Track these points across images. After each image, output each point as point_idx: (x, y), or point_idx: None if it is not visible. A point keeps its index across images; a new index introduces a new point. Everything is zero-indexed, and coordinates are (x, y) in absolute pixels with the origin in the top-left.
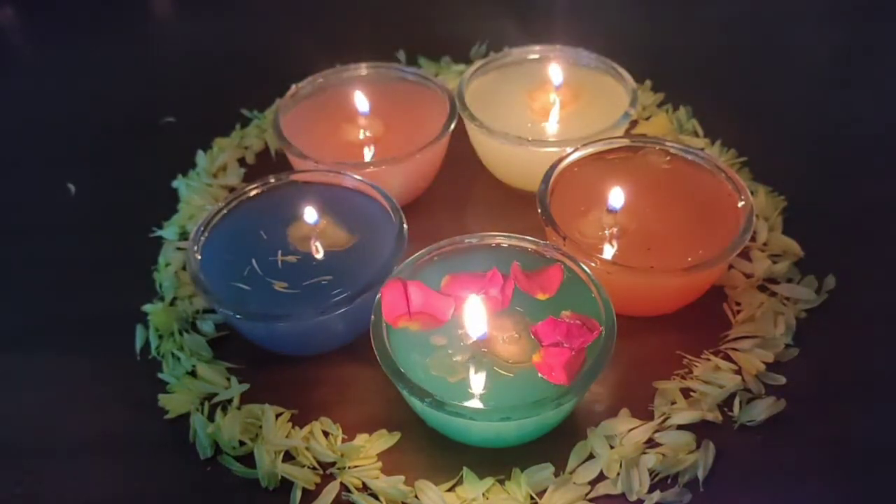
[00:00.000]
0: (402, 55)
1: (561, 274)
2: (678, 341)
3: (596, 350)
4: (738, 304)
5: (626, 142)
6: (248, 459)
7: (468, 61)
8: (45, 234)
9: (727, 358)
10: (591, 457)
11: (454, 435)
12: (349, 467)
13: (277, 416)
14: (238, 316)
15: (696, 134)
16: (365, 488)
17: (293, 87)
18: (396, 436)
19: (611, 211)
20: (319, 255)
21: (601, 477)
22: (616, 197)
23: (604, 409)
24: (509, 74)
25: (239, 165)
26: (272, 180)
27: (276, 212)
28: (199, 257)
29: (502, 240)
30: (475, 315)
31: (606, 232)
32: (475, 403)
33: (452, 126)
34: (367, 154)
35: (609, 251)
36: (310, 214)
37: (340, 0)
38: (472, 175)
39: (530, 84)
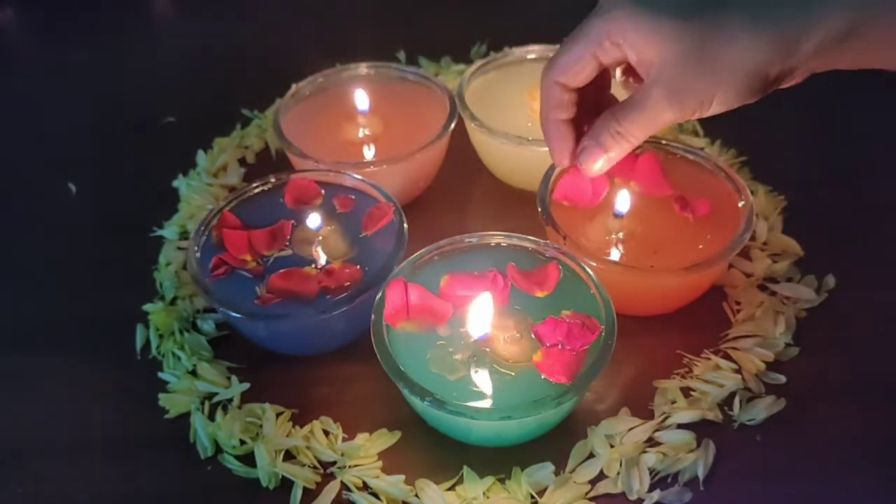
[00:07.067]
0: (402, 55)
1: (558, 270)
2: (678, 341)
3: (596, 349)
4: (738, 303)
5: None
6: (249, 459)
7: (468, 61)
8: (45, 234)
9: (727, 357)
10: (591, 456)
11: (454, 434)
12: (349, 466)
13: (278, 415)
14: (238, 315)
15: (696, 134)
16: (365, 487)
17: (293, 86)
18: (397, 435)
19: (617, 216)
20: (320, 262)
21: (601, 476)
22: (623, 202)
23: (604, 408)
24: (509, 74)
25: (239, 165)
26: (272, 180)
27: (277, 211)
28: (200, 256)
29: (502, 239)
30: (482, 314)
31: (612, 237)
32: (476, 402)
33: (452, 126)
34: (367, 153)
35: (616, 255)
36: (313, 220)
37: (340, 0)
38: (472, 175)
39: (530, 84)
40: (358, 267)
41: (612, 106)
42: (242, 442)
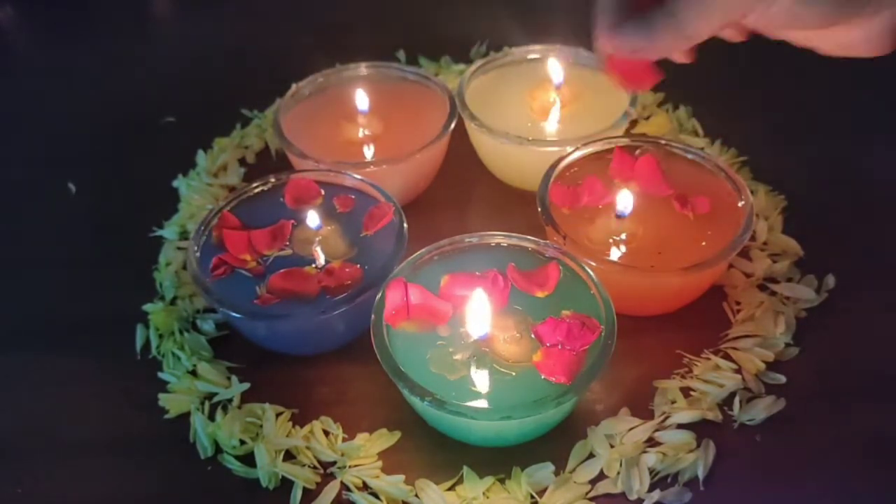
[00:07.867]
0: (402, 55)
1: (558, 270)
2: (678, 341)
3: (596, 349)
4: (738, 303)
5: (626, 141)
6: (249, 459)
7: (468, 61)
8: (45, 234)
9: (727, 357)
10: (591, 456)
11: (455, 434)
12: (349, 466)
13: (278, 415)
14: (238, 315)
15: (696, 134)
16: (365, 487)
17: (293, 86)
18: (397, 435)
19: (619, 216)
20: (320, 262)
21: (601, 476)
22: (625, 202)
23: (604, 409)
24: (509, 74)
25: (239, 165)
26: (272, 180)
27: (277, 211)
28: (200, 256)
29: (502, 239)
30: (479, 313)
31: (615, 238)
32: (476, 402)
33: (452, 126)
34: (367, 153)
35: (617, 255)
36: (313, 219)
37: (340, 0)
38: (472, 175)
39: (530, 84)
40: (358, 267)
41: None
42: (242, 442)
